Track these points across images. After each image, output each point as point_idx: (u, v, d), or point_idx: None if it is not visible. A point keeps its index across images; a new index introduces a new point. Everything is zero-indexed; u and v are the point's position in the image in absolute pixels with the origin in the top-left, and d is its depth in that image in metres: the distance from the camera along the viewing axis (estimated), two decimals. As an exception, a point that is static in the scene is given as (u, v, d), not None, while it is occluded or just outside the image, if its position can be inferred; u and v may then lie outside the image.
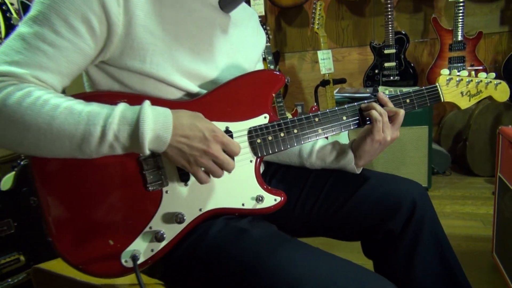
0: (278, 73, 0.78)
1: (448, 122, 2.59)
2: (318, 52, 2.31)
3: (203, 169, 0.67)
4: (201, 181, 0.68)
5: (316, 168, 0.91)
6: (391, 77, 2.49)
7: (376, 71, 2.53)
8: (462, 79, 0.88)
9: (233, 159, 0.69)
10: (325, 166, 0.90)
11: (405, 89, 0.88)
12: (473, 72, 0.91)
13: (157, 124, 0.62)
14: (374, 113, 0.79)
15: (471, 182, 2.35)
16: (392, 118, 0.81)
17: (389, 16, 2.39)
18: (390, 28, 2.41)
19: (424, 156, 2.20)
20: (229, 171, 0.68)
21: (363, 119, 0.82)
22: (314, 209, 0.87)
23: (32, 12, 0.63)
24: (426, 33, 2.66)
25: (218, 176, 0.68)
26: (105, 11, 0.64)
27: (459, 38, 2.34)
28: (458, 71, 0.90)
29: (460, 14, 2.30)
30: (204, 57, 0.76)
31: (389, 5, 2.37)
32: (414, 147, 2.20)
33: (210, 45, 0.77)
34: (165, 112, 0.64)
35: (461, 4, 2.28)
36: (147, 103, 0.64)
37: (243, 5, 0.87)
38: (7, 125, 0.59)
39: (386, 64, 2.48)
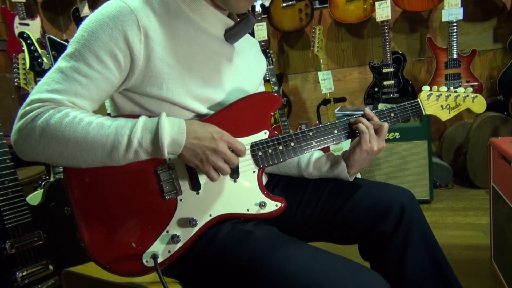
0: (275, 94, 0.89)
1: (448, 137, 2.67)
2: (319, 73, 2.44)
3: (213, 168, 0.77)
4: (212, 179, 0.77)
5: (314, 178, 1.01)
6: (391, 95, 2.60)
7: (376, 89, 2.64)
8: (441, 94, 0.98)
9: (237, 169, 0.79)
10: (321, 175, 0.99)
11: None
12: (452, 88, 1.00)
13: (173, 130, 0.73)
14: (361, 126, 0.89)
15: (473, 194, 2.40)
16: (377, 131, 0.91)
17: (386, 37, 2.51)
18: (387, 48, 2.53)
19: (425, 169, 2.27)
20: (234, 165, 0.78)
21: (353, 132, 0.93)
22: (313, 214, 0.96)
23: (69, 49, 0.76)
24: (423, 52, 2.78)
25: (225, 173, 0.77)
26: (129, 47, 0.76)
27: (454, 56, 2.44)
28: (455, 88, 1.00)
29: (454, 34, 2.41)
30: (212, 83, 0.87)
31: (385, 27, 2.50)
32: (415, 161, 2.28)
33: (217, 72, 0.88)
34: (180, 120, 0.76)
35: (454, 24, 2.39)
36: (164, 114, 0.75)
37: (246, 36, 0.99)
38: (51, 140, 0.71)
39: (385, 83, 2.59)
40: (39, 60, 1.76)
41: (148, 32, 0.77)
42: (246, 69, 0.97)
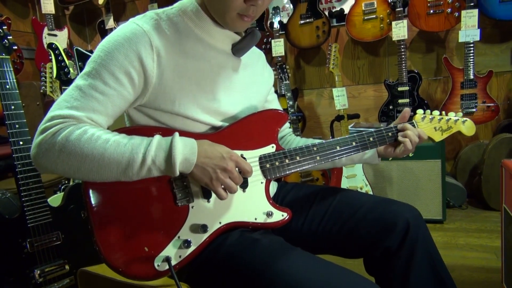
0: (282, 111, 0.95)
1: (463, 157, 2.64)
2: (333, 89, 2.47)
3: (222, 186, 0.81)
4: (220, 197, 0.81)
5: (344, 165, 1.08)
6: (405, 113, 2.60)
7: (391, 107, 2.65)
8: (434, 117, 1.05)
9: (246, 179, 0.83)
10: (353, 163, 1.09)
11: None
12: (443, 112, 1.07)
13: (185, 149, 0.78)
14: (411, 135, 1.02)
15: (487, 216, 2.36)
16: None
17: (402, 56, 2.53)
18: (403, 67, 2.55)
19: (438, 189, 2.26)
20: (237, 184, 0.81)
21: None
22: (319, 227, 0.99)
23: (86, 68, 0.82)
24: (439, 72, 2.78)
25: (232, 190, 0.81)
26: (143, 66, 0.82)
27: (470, 76, 2.43)
28: (471, 108, 1.08)
29: (471, 54, 2.41)
30: (221, 96, 0.92)
31: (402, 46, 2.52)
32: (428, 180, 2.27)
33: (225, 85, 0.93)
34: (191, 140, 0.80)
35: (471, 45, 2.40)
36: (177, 134, 0.80)
37: (252, 48, 1.04)
38: (69, 156, 0.75)
39: (400, 101, 2.60)
40: (66, 70, 1.85)
41: (160, 51, 0.83)
42: (253, 81, 1.02)
